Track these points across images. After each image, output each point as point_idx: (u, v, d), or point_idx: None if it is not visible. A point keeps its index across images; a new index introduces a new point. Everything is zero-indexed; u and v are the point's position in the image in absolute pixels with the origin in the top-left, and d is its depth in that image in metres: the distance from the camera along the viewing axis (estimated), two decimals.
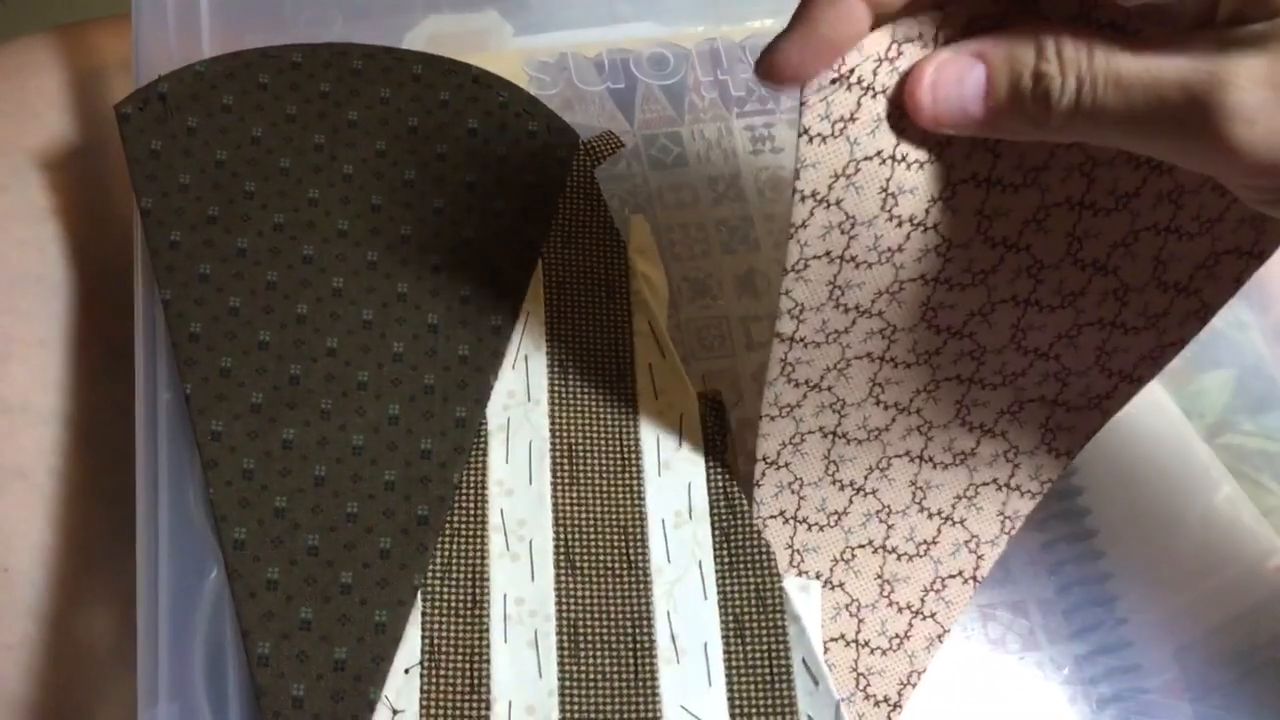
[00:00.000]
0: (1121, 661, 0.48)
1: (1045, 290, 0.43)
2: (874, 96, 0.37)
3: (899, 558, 0.46)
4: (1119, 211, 0.42)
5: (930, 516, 0.47)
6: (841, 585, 0.45)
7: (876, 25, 0.36)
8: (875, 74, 0.37)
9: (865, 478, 0.46)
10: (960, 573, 0.46)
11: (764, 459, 0.45)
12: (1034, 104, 0.35)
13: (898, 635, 0.45)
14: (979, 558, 0.46)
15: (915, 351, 0.44)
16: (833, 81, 0.37)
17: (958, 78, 0.36)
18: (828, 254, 0.40)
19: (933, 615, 0.46)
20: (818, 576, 0.45)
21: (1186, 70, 0.33)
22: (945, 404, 0.46)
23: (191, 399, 0.45)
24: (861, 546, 0.46)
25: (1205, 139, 0.33)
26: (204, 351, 0.45)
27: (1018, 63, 0.35)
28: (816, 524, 0.46)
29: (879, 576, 0.46)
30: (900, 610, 0.45)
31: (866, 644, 0.45)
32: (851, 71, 0.37)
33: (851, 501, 0.46)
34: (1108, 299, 0.44)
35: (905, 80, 0.37)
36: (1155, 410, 0.52)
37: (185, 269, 0.47)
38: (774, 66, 0.36)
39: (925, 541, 0.46)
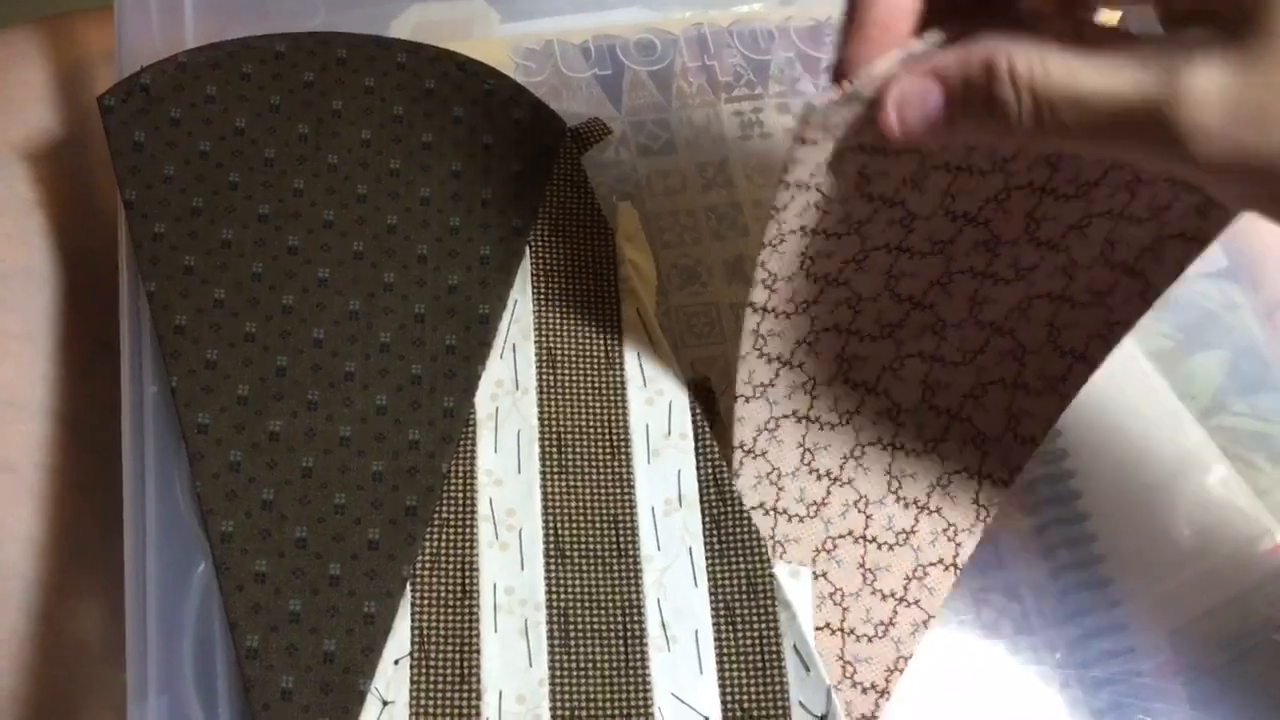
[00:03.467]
0: (1115, 644, 0.47)
1: (1001, 264, 0.44)
2: (867, 106, 0.37)
3: (879, 547, 0.46)
4: (1078, 199, 0.42)
5: (907, 506, 0.47)
6: (825, 575, 0.45)
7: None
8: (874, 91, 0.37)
9: (841, 467, 0.46)
10: (940, 560, 0.46)
11: (741, 446, 0.45)
12: (995, 121, 0.35)
13: (883, 622, 0.45)
14: (958, 545, 0.47)
15: (880, 323, 0.45)
16: (834, 103, 0.37)
17: (920, 99, 0.36)
18: (802, 229, 0.40)
19: (916, 602, 0.45)
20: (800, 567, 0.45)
21: (1144, 85, 0.33)
22: (911, 383, 0.46)
23: (177, 392, 0.44)
24: (842, 537, 0.46)
25: (1166, 150, 0.33)
26: (189, 344, 0.45)
27: (971, 85, 0.35)
28: (797, 515, 0.46)
29: (861, 565, 0.46)
30: (884, 598, 0.45)
31: (852, 632, 0.44)
32: (854, 92, 0.37)
33: (829, 492, 0.46)
34: (1056, 274, 0.44)
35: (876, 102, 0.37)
36: (1148, 392, 0.52)
37: (170, 261, 0.46)
38: (848, 70, 0.37)
39: (904, 531, 0.46)
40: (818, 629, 0.44)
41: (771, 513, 0.45)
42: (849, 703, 0.44)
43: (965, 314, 0.46)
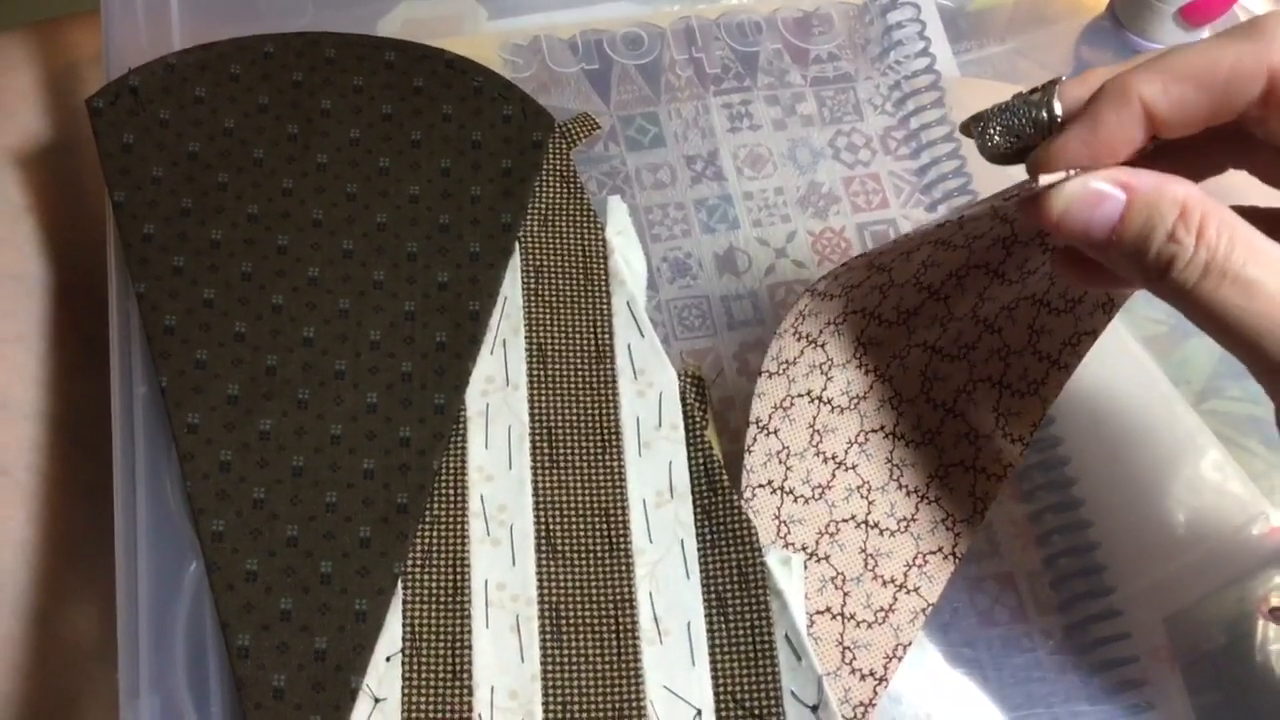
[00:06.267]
0: (1110, 630, 0.47)
1: (1010, 265, 0.45)
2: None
3: (881, 533, 0.46)
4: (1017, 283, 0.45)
5: (908, 494, 0.47)
6: (827, 558, 0.45)
7: (1149, 142, 0.36)
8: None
9: (846, 451, 0.46)
10: (940, 549, 0.46)
11: (756, 422, 0.45)
12: (1154, 259, 0.34)
13: (882, 609, 0.45)
14: (956, 535, 0.47)
15: (899, 309, 0.46)
16: (1021, 194, 0.37)
17: (1095, 202, 0.35)
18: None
19: (916, 589, 0.45)
20: (803, 549, 0.45)
21: None
22: (913, 373, 0.47)
23: (167, 392, 0.44)
24: (845, 521, 0.46)
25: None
26: (179, 344, 0.45)
27: (1157, 213, 0.34)
28: (802, 496, 0.46)
29: (863, 550, 0.46)
30: (884, 584, 0.45)
31: (852, 617, 0.45)
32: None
33: (834, 475, 0.46)
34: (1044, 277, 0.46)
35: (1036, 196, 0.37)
36: (1141, 377, 0.52)
37: (159, 262, 0.46)
38: (1050, 155, 0.36)
39: (905, 518, 0.46)
40: (819, 613, 0.44)
41: (778, 492, 0.46)
42: (847, 689, 0.44)
43: (968, 309, 0.46)
